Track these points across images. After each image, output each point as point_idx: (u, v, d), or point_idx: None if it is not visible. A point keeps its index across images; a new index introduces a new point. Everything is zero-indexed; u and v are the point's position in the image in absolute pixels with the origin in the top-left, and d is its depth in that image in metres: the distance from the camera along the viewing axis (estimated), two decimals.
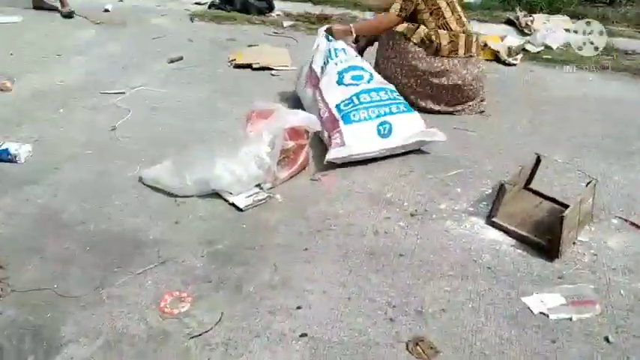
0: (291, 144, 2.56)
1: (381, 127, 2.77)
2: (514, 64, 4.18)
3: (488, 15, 5.18)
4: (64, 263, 2.07)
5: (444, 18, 3.22)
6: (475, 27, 4.96)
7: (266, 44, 4.50)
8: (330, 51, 3.10)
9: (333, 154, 2.68)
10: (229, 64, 4.05)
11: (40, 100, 3.43)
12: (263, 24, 5.17)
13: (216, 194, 2.47)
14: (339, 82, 2.95)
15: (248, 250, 2.17)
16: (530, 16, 4.99)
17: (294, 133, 2.58)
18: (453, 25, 3.22)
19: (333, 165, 2.76)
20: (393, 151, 2.80)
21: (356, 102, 2.83)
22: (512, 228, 2.25)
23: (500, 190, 2.26)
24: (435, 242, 2.23)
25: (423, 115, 3.01)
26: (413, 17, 3.25)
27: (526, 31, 4.82)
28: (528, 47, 4.49)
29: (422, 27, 3.20)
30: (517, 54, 4.30)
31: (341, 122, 2.75)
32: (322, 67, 3.09)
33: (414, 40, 3.22)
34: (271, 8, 5.48)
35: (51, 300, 1.89)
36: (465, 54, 3.24)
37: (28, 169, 2.68)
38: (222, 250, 2.16)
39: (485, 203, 2.47)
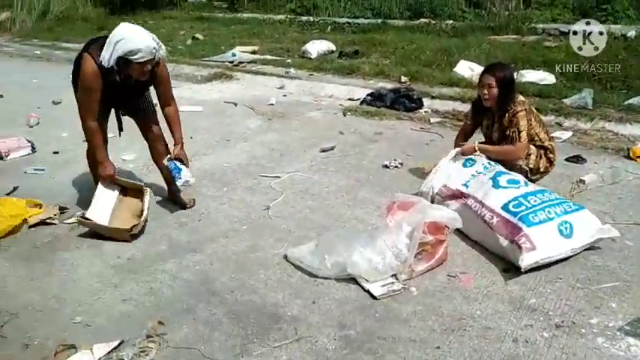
0: (429, 238, 2.58)
1: (562, 228, 2.65)
2: None
3: None
4: (211, 327, 2.28)
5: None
6: (639, 130, 4.66)
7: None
8: (473, 175, 3.13)
9: (527, 260, 2.53)
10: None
11: (209, 179, 3.93)
12: (410, 120, 5.40)
13: (353, 279, 2.55)
14: (496, 186, 2.91)
15: (379, 339, 2.18)
16: None
17: (434, 227, 2.60)
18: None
19: (472, 263, 2.71)
20: (575, 251, 2.69)
21: (527, 204, 2.73)
22: None
23: None
24: None
25: None
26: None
27: None
28: None
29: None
30: None
31: (523, 225, 2.61)
32: (465, 185, 3.07)
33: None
34: (420, 106, 5.73)
35: None
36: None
37: (193, 239, 3.05)
38: (353, 336, 2.21)
39: None
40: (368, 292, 2.48)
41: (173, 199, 3.50)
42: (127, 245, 2.97)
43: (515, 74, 3.38)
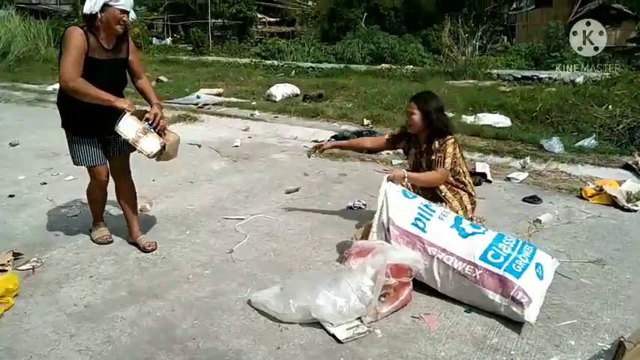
0: (393, 280, 2.59)
1: (537, 270, 2.66)
2: (634, 210, 3.97)
3: (603, 159, 5.07)
4: None
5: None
6: (589, 171, 4.89)
7: None
8: (421, 209, 2.94)
9: (532, 314, 2.49)
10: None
11: (171, 222, 3.87)
12: (373, 161, 5.51)
13: (318, 323, 2.53)
14: (463, 235, 2.80)
15: None
16: None
17: (397, 269, 2.62)
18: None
19: (436, 304, 2.73)
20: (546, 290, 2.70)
21: (502, 253, 2.69)
22: None
23: (620, 347, 2.07)
24: None
25: None
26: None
27: None
28: None
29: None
30: (638, 200, 4.10)
31: (512, 278, 2.56)
32: (417, 225, 2.85)
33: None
34: None
35: None
36: None
37: (154, 284, 2.97)
38: None
39: None
40: (333, 336, 2.45)
41: (133, 242, 3.43)
42: (84, 292, 2.87)
43: (439, 103, 3.33)
